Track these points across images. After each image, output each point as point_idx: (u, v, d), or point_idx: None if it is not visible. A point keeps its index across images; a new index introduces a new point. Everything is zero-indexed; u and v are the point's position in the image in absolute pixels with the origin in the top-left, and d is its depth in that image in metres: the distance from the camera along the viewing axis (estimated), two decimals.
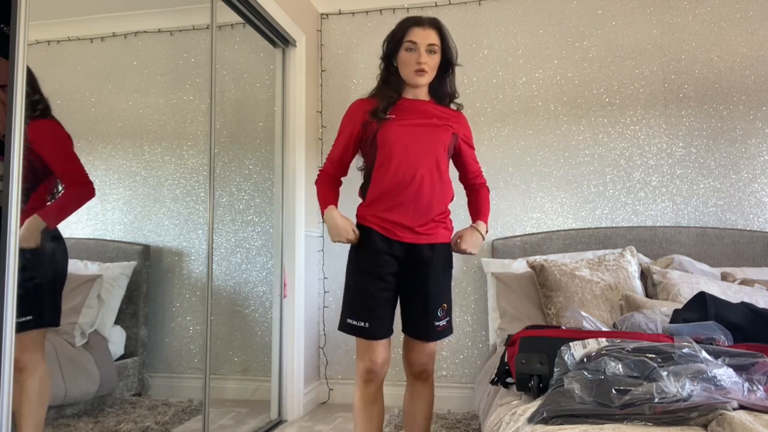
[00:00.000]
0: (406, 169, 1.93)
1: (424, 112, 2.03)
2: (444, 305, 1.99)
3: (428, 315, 1.97)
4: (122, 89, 2.72)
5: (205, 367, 2.53)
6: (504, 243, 3.24)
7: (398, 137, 1.95)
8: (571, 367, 1.44)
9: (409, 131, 1.97)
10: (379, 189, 1.97)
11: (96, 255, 2.49)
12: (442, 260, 2.01)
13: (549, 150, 3.31)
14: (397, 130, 1.96)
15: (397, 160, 1.94)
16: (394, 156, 1.94)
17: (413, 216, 1.95)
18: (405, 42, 1.98)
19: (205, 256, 2.63)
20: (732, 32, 3.18)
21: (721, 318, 1.78)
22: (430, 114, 2.03)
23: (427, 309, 1.97)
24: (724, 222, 3.11)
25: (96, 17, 2.61)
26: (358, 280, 1.97)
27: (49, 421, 2.10)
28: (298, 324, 3.14)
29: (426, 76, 1.99)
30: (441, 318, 1.98)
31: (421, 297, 1.97)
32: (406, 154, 1.94)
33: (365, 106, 2.03)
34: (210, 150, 2.60)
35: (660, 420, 1.16)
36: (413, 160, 1.94)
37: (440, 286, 1.99)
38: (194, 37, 2.96)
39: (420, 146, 1.96)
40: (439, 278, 1.99)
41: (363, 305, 1.94)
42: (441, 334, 2.00)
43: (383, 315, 1.95)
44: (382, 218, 1.96)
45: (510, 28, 3.42)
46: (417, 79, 1.98)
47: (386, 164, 1.95)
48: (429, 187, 1.95)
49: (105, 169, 2.64)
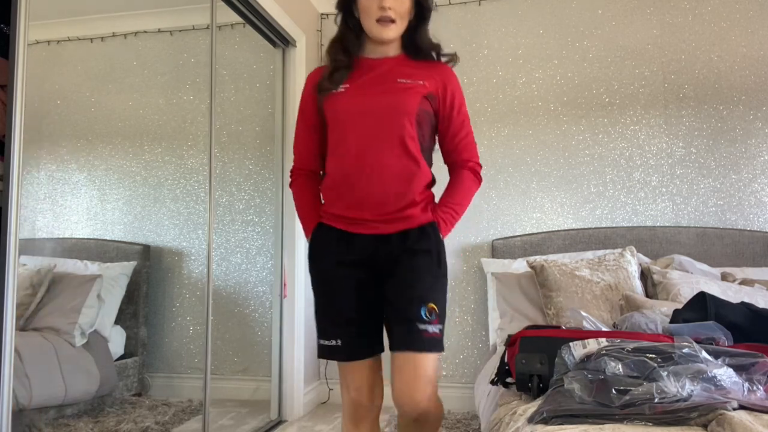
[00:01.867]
0: (360, 155, 1.53)
1: (387, 74, 1.58)
2: (432, 305, 1.48)
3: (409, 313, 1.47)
4: (122, 89, 2.72)
5: (205, 367, 2.53)
6: (504, 243, 3.24)
7: (348, 115, 1.55)
8: (571, 367, 1.44)
9: (362, 104, 1.54)
10: (332, 179, 1.58)
11: (96, 255, 2.49)
12: (424, 245, 1.54)
13: (549, 150, 3.31)
14: (348, 106, 1.55)
15: (347, 144, 1.54)
16: (346, 138, 1.55)
17: (375, 209, 1.53)
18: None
19: (205, 256, 2.63)
20: (732, 32, 3.18)
21: (721, 318, 1.78)
22: (395, 74, 1.58)
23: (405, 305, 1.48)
24: (724, 222, 3.11)
25: (96, 17, 2.61)
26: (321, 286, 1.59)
27: (49, 421, 2.10)
28: (298, 324, 3.14)
29: (393, 27, 1.55)
30: (428, 321, 1.47)
31: (398, 291, 1.51)
32: (359, 135, 1.53)
33: (316, 77, 1.65)
34: (210, 150, 2.60)
35: (660, 420, 1.16)
36: (369, 141, 1.52)
37: (423, 276, 1.51)
38: (194, 37, 2.96)
39: (377, 123, 1.53)
40: (420, 267, 1.52)
41: (330, 318, 1.56)
42: (430, 343, 1.46)
43: (360, 328, 1.54)
44: (337, 213, 1.57)
45: (510, 28, 3.42)
46: (382, 31, 1.55)
47: (338, 149, 1.57)
48: (391, 175, 1.52)
49: (105, 169, 2.64)
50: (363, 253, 1.55)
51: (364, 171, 1.53)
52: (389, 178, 1.53)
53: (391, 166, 1.53)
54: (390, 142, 1.53)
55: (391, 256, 1.54)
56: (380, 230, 1.54)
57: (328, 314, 1.57)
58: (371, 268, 1.56)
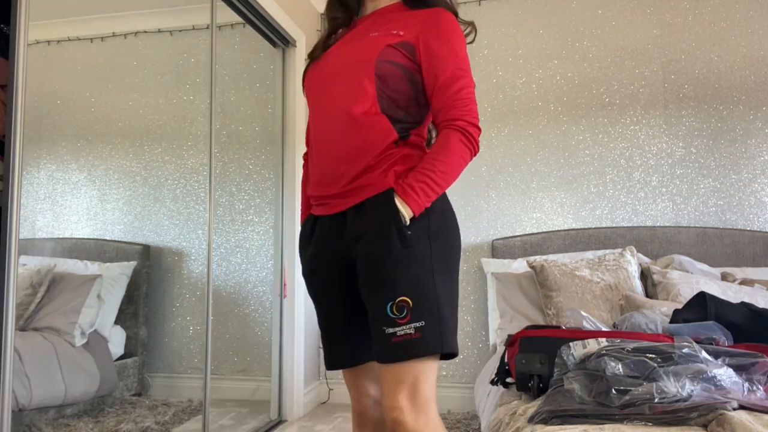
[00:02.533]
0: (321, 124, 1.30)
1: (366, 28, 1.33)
2: (401, 299, 1.15)
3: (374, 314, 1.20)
4: (122, 89, 2.72)
5: (205, 367, 2.53)
6: (504, 243, 3.24)
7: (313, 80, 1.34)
8: (571, 367, 1.44)
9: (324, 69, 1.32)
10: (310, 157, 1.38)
11: (96, 255, 2.49)
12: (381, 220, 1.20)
13: (549, 150, 3.31)
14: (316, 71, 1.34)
15: (313, 113, 1.34)
16: (312, 109, 1.35)
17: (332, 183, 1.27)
18: None
19: (205, 256, 2.63)
20: (732, 32, 3.18)
21: (721, 318, 1.78)
22: (376, 25, 1.32)
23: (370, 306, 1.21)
24: (724, 222, 3.11)
25: (96, 17, 2.61)
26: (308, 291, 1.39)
27: (49, 421, 2.10)
28: (298, 324, 3.14)
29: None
30: (395, 322, 1.15)
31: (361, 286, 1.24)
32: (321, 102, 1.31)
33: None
34: (210, 150, 2.60)
35: (660, 420, 1.16)
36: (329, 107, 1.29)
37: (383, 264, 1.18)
38: (194, 37, 2.96)
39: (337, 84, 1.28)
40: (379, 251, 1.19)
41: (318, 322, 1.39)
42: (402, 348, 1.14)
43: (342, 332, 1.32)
44: (311, 195, 1.35)
45: (510, 28, 3.42)
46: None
47: (310, 123, 1.37)
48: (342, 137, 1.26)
49: (105, 169, 2.64)
50: (329, 242, 1.29)
51: (322, 142, 1.30)
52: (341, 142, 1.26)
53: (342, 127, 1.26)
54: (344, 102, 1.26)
55: (351, 239, 1.25)
56: (336, 207, 1.27)
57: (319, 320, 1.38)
58: (342, 259, 1.29)
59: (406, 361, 1.15)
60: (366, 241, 1.21)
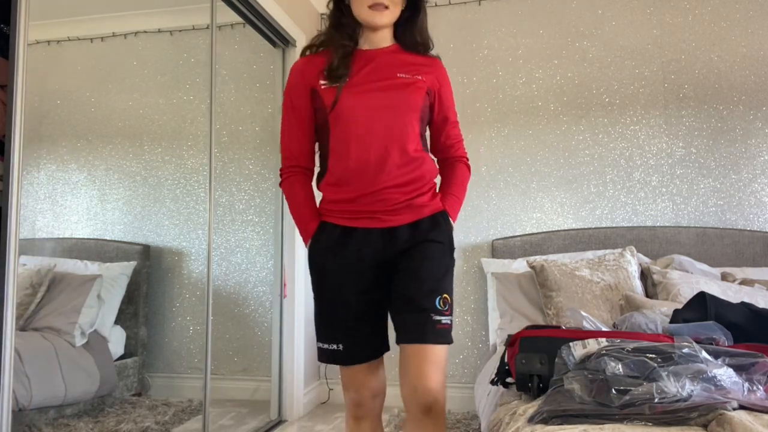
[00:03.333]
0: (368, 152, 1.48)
1: (386, 68, 1.54)
2: (446, 296, 1.45)
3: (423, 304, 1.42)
4: (122, 89, 2.72)
5: (205, 367, 2.53)
6: (504, 243, 3.24)
7: (355, 110, 1.49)
8: (571, 367, 1.44)
9: (368, 101, 1.50)
10: (337, 177, 1.52)
11: (96, 255, 2.49)
12: (437, 234, 1.51)
13: (549, 150, 3.31)
14: (353, 101, 1.49)
15: (354, 140, 1.49)
16: (350, 136, 1.49)
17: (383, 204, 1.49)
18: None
19: (205, 256, 2.63)
20: (732, 32, 3.18)
21: (721, 318, 1.78)
22: (394, 67, 1.54)
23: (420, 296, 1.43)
24: (724, 222, 3.11)
25: (96, 17, 2.61)
26: (321, 289, 1.55)
27: (49, 421, 2.10)
28: (298, 324, 3.14)
29: (386, 13, 1.51)
30: (442, 312, 1.43)
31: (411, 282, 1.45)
32: (367, 132, 1.48)
33: (309, 68, 1.56)
34: (210, 150, 2.60)
35: (660, 420, 1.17)
36: (376, 137, 1.48)
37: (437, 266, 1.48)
38: (194, 37, 2.96)
39: (384, 119, 1.49)
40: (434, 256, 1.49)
41: (330, 322, 1.52)
42: (443, 334, 1.42)
43: (362, 330, 1.50)
44: (343, 209, 1.52)
45: (510, 28, 3.42)
46: (374, 17, 1.50)
47: (341, 146, 1.51)
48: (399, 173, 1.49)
49: (105, 169, 2.64)
50: (368, 253, 1.50)
51: (371, 169, 1.48)
52: (397, 177, 1.49)
53: (398, 165, 1.49)
54: (398, 139, 1.50)
55: (401, 248, 1.49)
56: (390, 222, 1.50)
57: (330, 317, 1.53)
58: (377, 265, 1.50)
59: (441, 345, 1.41)
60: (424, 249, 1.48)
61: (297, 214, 1.59)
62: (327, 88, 1.51)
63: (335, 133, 1.52)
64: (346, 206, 1.52)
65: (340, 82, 1.50)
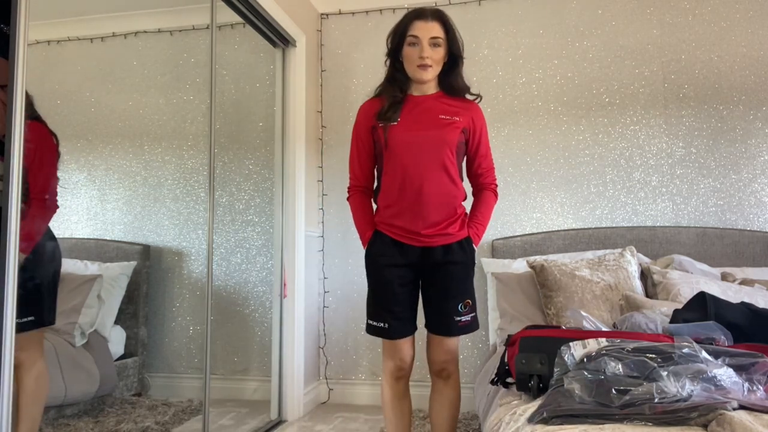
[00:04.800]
0: (412, 178, 1.91)
1: (430, 111, 1.97)
2: (468, 301, 1.97)
3: (449, 310, 1.95)
4: (122, 89, 2.72)
5: (205, 367, 2.53)
6: (504, 243, 3.24)
7: (403, 145, 1.92)
8: (571, 367, 1.44)
9: (414, 137, 1.93)
10: (387, 197, 1.97)
11: (96, 255, 2.49)
12: (461, 256, 1.97)
13: (549, 150, 3.31)
14: (402, 137, 1.93)
15: (402, 169, 1.92)
16: (398, 165, 1.92)
17: (423, 223, 1.92)
18: (408, 36, 1.94)
19: (205, 256, 2.63)
20: (732, 32, 3.18)
21: (721, 318, 1.78)
22: (437, 110, 1.98)
23: (447, 305, 1.95)
24: (724, 222, 3.11)
25: (96, 17, 2.61)
26: (375, 282, 1.98)
27: (49, 421, 2.10)
28: (298, 324, 3.14)
29: (430, 70, 1.94)
30: (463, 313, 1.95)
31: (441, 294, 1.96)
32: (411, 163, 1.91)
33: (371, 110, 2.01)
34: (210, 150, 2.60)
35: (660, 420, 1.16)
36: (419, 168, 1.91)
37: (460, 282, 1.97)
38: (194, 37, 2.96)
39: (426, 152, 1.92)
40: (458, 275, 1.96)
41: (380, 307, 1.96)
42: (464, 329, 1.97)
43: (402, 314, 1.96)
44: (392, 224, 1.96)
45: (510, 28, 3.42)
46: (421, 74, 1.94)
47: (392, 173, 1.94)
48: (437, 194, 1.92)
49: (105, 169, 2.64)
50: (411, 259, 1.95)
51: (414, 191, 1.90)
52: (435, 198, 1.91)
53: (436, 188, 1.91)
54: (436, 169, 1.92)
55: (434, 264, 1.95)
56: (427, 243, 1.93)
57: (381, 303, 1.96)
58: (416, 271, 1.98)
59: (458, 336, 2.01)
60: (453, 267, 1.95)
61: (358, 224, 2.05)
62: (383, 126, 1.94)
63: (388, 162, 1.95)
64: (394, 223, 1.96)
65: (390, 122, 1.93)
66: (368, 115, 2.01)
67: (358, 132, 2.04)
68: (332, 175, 3.54)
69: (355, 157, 2.05)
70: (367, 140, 2.02)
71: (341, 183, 3.49)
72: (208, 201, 2.59)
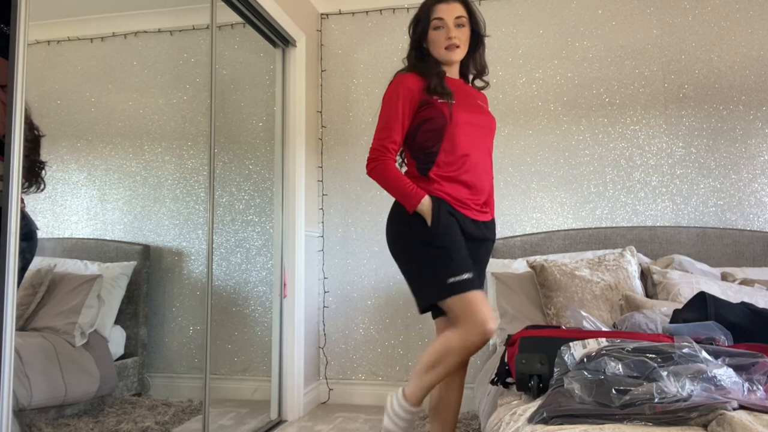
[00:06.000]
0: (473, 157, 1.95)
1: (470, 95, 2.02)
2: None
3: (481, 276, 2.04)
4: (122, 89, 2.72)
5: (205, 367, 2.53)
6: (504, 243, 3.24)
7: (467, 125, 1.94)
8: (571, 367, 1.44)
9: (475, 119, 1.98)
10: (450, 169, 1.94)
11: (96, 255, 2.49)
12: (494, 235, 2.10)
13: (549, 150, 3.31)
14: (466, 118, 1.95)
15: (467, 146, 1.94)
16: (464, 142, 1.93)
17: (479, 197, 1.99)
18: (432, 20, 1.95)
19: (205, 256, 2.63)
20: (732, 32, 3.18)
21: (721, 318, 1.78)
22: (474, 96, 2.04)
23: (482, 282, 2.04)
24: (724, 222, 3.11)
25: (96, 17, 2.61)
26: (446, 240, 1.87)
27: (49, 421, 2.10)
28: (298, 324, 3.14)
29: (459, 51, 1.96)
30: None
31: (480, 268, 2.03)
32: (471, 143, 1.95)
33: (418, 83, 1.94)
34: (210, 150, 2.60)
35: (660, 420, 1.16)
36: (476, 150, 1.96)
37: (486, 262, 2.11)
38: (194, 37, 2.96)
39: (483, 137, 2.00)
40: (488, 254, 2.10)
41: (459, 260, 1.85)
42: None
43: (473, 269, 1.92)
44: (452, 195, 1.94)
45: (510, 28, 3.42)
46: (450, 55, 1.95)
47: (457, 149, 1.93)
48: (488, 176, 2.02)
49: (105, 169, 2.64)
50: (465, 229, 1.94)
51: (473, 170, 1.95)
52: (487, 179, 2.01)
53: (488, 170, 2.02)
54: (487, 151, 2.03)
55: (481, 237, 2.00)
56: (479, 217, 1.99)
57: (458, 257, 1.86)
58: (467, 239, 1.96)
59: None
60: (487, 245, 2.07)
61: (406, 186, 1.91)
62: (445, 102, 1.91)
63: (450, 139, 1.92)
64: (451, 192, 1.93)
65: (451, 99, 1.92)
66: (417, 88, 1.93)
67: (407, 101, 1.93)
68: (332, 175, 3.54)
69: (399, 122, 1.93)
70: (412, 111, 1.94)
71: (341, 183, 3.49)
72: (208, 201, 2.59)
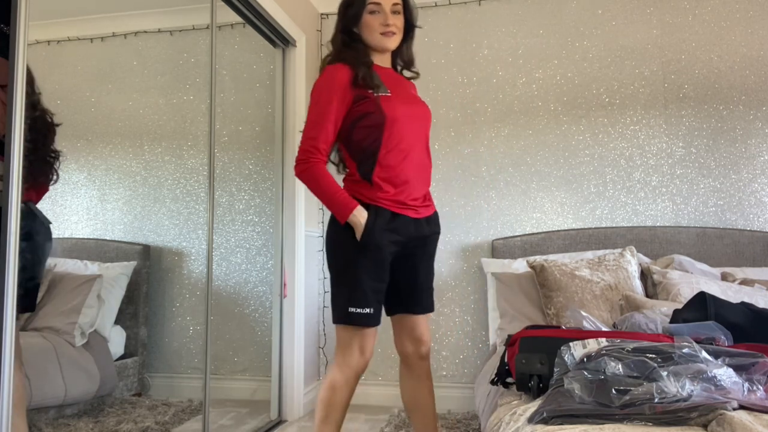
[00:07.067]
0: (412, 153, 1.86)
1: (402, 84, 1.94)
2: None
3: (430, 285, 1.98)
4: (122, 89, 2.72)
5: (205, 367, 2.53)
6: (504, 243, 3.24)
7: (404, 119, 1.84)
8: (571, 367, 1.44)
9: (411, 111, 1.88)
10: (390, 170, 1.84)
11: (96, 255, 2.49)
12: (438, 228, 2.00)
13: (549, 150, 3.31)
14: (403, 110, 1.84)
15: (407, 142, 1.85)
16: (402, 136, 1.84)
17: (418, 193, 1.89)
18: (368, 4, 1.85)
19: (205, 256, 2.63)
20: (732, 32, 3.18)
21: (721, 318, 1.78)
22: (406, 85, 1.97)
23: (430, 279, 1.97)
24: (724, 222, 3.11)
25: (96, 17, 2.61)
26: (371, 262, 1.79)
27: (49, 421, 2.10)
28: (298, 324, 3.14)
29: (395, 38, 1.88)
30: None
31: (429, 266, 1.97)
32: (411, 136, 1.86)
33: (346, 76, 1.82)
34: (210, 150, 2.60)
35: (660, 420, 1.16)
36: (415, 142, 1.87)
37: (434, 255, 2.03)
38: (194, 37, 2.96)
39: (420, 128, 1.90)
40: (435, 248, 2.01)
41: (372, 290, 1.79)
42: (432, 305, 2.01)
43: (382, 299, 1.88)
44: (395, 199, 1.84)
45: (510, 28, 3.42)
46: (386, 42, 1.87)
47: (396, 146, 1.83)
48: (425, 169, 1.92)
49: (105, 169, 2.64)
50: (406, 233, 1.85)
51: (415, 165, 1.87)
52: (424, 172, 1.92)
53: (426, 164, 1.93)
54: (425, 143, 1.93)
55: (424, 236, 1.91)
56: (421, 214, 1.90)
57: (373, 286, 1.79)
58: (404, 246, 1.87)
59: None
60: (433, 239, 1.97)
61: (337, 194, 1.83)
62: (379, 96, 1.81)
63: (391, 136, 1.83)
64: (394, 197, 1.84)
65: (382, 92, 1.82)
66: (348, 80, 1.82)
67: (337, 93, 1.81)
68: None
69: (331, 120, 1.81)
70: (346, 106, 1.83)
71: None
72: (208, 201, 2.59)
